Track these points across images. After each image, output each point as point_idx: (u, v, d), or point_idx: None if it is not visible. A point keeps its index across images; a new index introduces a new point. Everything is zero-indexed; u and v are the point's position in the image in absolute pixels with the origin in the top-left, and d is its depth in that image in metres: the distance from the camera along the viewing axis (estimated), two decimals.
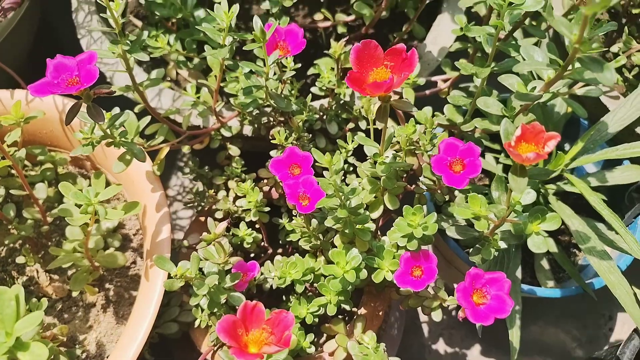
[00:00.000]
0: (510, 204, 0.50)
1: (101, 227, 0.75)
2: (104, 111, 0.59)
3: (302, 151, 0.65)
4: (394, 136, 0.64)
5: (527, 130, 0.43)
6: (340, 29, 0.86)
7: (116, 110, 0.59)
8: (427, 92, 0.82)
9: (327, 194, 0.55)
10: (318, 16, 0.95)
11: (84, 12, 0.88)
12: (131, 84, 0.64)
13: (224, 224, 0.56)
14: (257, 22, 0.55)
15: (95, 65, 0.50)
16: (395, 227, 0.58)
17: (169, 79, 0.91)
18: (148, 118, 0.65)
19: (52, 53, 1.05)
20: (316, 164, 0.61)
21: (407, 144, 0.63)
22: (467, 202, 0.55)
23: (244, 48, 0.59)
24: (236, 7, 0.58)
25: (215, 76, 0.66)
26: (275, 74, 0.67)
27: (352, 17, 0.87)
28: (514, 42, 0.56)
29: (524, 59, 0.43)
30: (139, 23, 0.93)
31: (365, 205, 0.60)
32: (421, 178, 0.69)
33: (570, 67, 0.41)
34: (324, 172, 0.59)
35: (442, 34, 0.85)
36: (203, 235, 0.57)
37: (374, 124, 0.61)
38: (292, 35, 0.66)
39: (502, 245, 0.54)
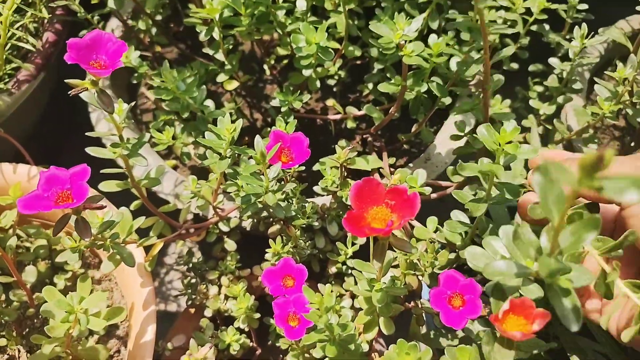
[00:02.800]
0: None
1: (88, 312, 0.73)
2: (97, 212, 0.58)
3: (297, 264, 0.63)
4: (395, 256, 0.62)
5: (516, 305, 0.40)
6: (350, 124, 0.85)
7: (109, 214, 0.58)
8: (434, 195, 0.79)
9: (316, 327, 0.53)
10: (330, 101, 0.95)
11: None
12: (129, 181, 0.63)
13: (206, 349, 0.54)
14: (258, 142, 0.54)
15: (86, 183, 0.49)
16: None
17: (174, 155, 0.91)
18: (142, 218, 0.64)
19: (61, 125, 1.06)
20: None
21: (406, 267, 0.61)
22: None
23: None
24: (239, 122, 0.57)
25: (217, 178, 0.65)
26: (279, 175, 0.66)
27: (363, 111, 0.86)
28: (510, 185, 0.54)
29: (509, 256, 0.40)
30: (151, 96, 0.94)
31: (357, 336, 0.57)
32: (422, 299, 0.66)
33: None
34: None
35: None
36: None
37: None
38: (297, 143, 0.65)
39: None
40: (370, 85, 0.87)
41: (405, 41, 0.60)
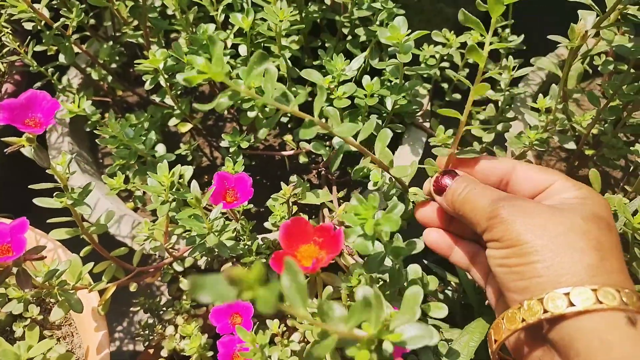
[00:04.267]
0: None
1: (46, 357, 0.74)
2: (45, 260, 0.60)
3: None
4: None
5: None
6: (302, 159, 0.87)
7: (56, 263, 0.60)
8: None
9: None
10: (287, 137, 0.98)
11: (57, 132, 0.92)
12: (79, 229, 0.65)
13: None
14: (194, 187, 0.57)
15: (26, 236, 0.51)
16: None
17: (134, 197, 0.93)
18: (91, 264, 0.65)
19: (30, 170, 1.08)
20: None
21: (347, 300, 0.63)
22: None
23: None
24: (181, 168, 0.60)
25: (163, 221, 0.67)
26: (224, 215, 0.68)
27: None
28: None
29: None
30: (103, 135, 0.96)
31: None
32: None
33: None
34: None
35: None
36: None
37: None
38: (241, 183, 0.67)
39: None
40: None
41: (336, 86, 0.64)
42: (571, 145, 0.68)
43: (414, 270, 0.62)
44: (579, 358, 0.40)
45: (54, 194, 0.60)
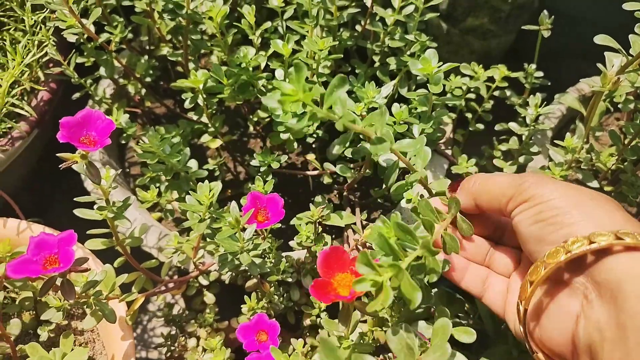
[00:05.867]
0: None
1: None
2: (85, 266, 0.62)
3: (271, 318, 0.67)
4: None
5: None
6: (327, 179, 0.90)
7: (94, 274, 0.62)
8: None
9: None
10: (310, 156, 1.00)
11: None
12: (114, 240, 0.67)
13: None
14: (233, 208, 0.59)
15: (73, 248, 0.53)
16: None
17: (160, 208, 0.95)
18: (125, 275, 0.67)
19: (54, 175, 1.10)
20: None
21: (373, 324, 0.65)
22: None
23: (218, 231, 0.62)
24: (218, 186, 0.62)
25: (197, 237, 0.69)
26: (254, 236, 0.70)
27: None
28: None
29: None
30: (139, 150, 0.99)
31: None
32: (390, 353, 0.70)
33: None
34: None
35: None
36: None
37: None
38: (273, 204, 0.69)
39: None
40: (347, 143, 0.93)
41: (366, 113, 0.66)
42: (594, 184, 0.71)
43: (439, 294, 0.64)
44: (629, 302, 0.38)
45: (95, 207, 0.62)
